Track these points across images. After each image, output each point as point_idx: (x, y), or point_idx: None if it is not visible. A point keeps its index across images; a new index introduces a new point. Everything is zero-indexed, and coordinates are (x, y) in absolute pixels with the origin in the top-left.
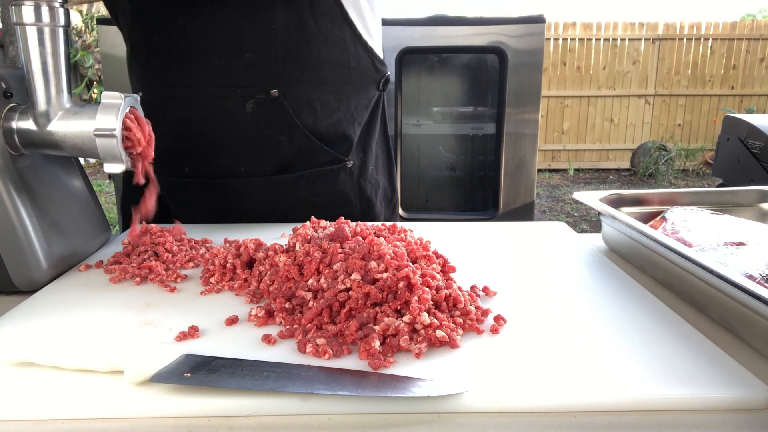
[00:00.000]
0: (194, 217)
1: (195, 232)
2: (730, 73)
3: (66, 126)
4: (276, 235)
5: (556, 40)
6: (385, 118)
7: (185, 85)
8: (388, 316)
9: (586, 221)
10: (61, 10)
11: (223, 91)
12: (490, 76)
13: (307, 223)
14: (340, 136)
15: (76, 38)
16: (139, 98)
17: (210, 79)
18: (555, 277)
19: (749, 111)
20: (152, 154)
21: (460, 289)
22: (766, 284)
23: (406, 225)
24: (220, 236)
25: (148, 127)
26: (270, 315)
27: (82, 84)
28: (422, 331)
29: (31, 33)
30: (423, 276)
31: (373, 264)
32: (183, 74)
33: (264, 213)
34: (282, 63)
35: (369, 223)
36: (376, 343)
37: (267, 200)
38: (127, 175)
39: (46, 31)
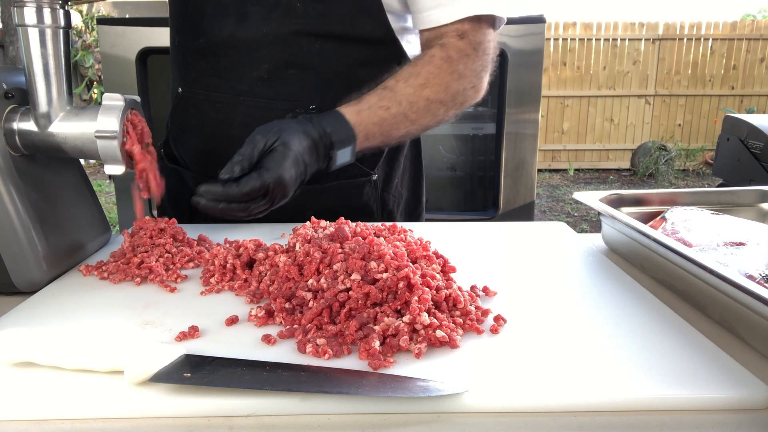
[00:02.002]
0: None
1: (195, 232)
2: (730, 73)
3: (67, 127)
4: (276, 235)
5: (556, 40)
6: None
7: (229, 91)
8: (388, 316)
9: (586, 221)
10: (62, 12)
11: (264, 102)
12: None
13: (307, 223)
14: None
15: (76, 38)
16: (139, 100)
17: (253, 89)
18: (555, 277)
19: (749, 111)
20: (151, 158)
21: (460, 289)
22: (766, 284)
23: (406, 225)
24: (220, 236)
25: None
26: (270, 315)
27: (82, 84)
28: (422, 331)
29: (33, 34)
30: (423, 276)
31: (373, 264)
32: (227, 81)
33: (289, 219)
34: (323, 81)
35: (369, 224)
36: (376, 343)
37: (294, 207)
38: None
39: (48, 32)
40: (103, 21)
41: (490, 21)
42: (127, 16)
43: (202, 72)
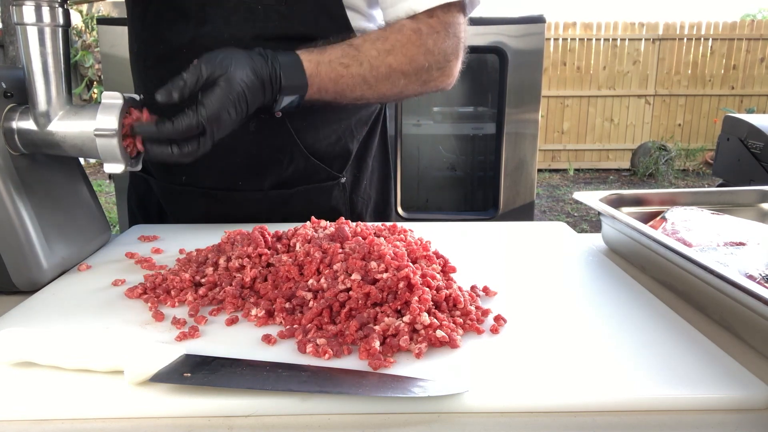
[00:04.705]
0: (188, 221)
1: (194, 231)
2: (730, 73)
3: (66, 126)
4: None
5: (556, 40)
6: (385, 129)
7: None
8: (388, 316)
9: (586, 221)
10: (61, 10)
11: None
12: (490, 76)
13: (307, 223)
14: (338, 153)
15: (76, 38)
16: (138, 98)
17: None
18: (555, 277)
19: (749, 111)
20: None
21: (460, 289)
22: (766, 284)
23: (406, 225)
24: (206, 237)
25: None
26: (270, 315)
27: (82, 84)
28: (422, 331)
29: (32, 33)
30: (423, 276)
31: (373, 264)
32: None
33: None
34: None
35: (369, 224)
36: (376, 343)
37: (261, 213)
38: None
39: (47, 31)
40: (103, 21)
41: (460, 6)
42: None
43: (163, 79)
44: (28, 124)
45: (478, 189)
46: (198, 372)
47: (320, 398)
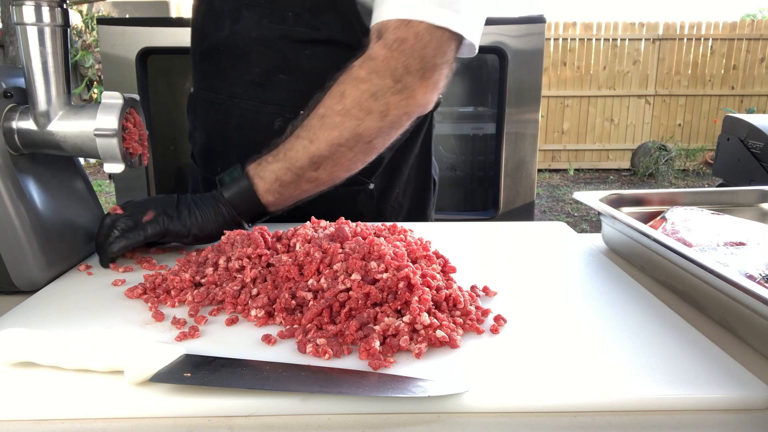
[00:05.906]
0: None
1: None
2: (730, 73)
3: (66, 126)
4: None
5: (556, 40)
6: (430, 139)
7: (225, 93)
8: (388, 316)
9: (586, 221)
10: (60, 10)
11: (256, 106)
12: (490, 76)
13: (307, 223)
14: None
15: (76, 38)
16: (138, 99)
17: (246, 92)
18: (555, 277)
19: (749, 111)
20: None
21: (460, 289)
22: (766, 284)
23: (406, 225)
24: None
25: (143, 131)
26: (270, 315)
27: (82, 84)
28: (422, 331)
29: (32, 33)
30: (423, 276)
31: (373, 264)
32: (224, 83)
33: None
34: (313, 86)
35: (369, 224)
36: (376, 343)
37: (283, 216)
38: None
39: (47, 31)
40: (103, 21)
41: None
42: (127, 16)
43: (205, 74)
44: (28, 124)
45: (478, 189)
46: (198, 372)
47: (320, 398)
